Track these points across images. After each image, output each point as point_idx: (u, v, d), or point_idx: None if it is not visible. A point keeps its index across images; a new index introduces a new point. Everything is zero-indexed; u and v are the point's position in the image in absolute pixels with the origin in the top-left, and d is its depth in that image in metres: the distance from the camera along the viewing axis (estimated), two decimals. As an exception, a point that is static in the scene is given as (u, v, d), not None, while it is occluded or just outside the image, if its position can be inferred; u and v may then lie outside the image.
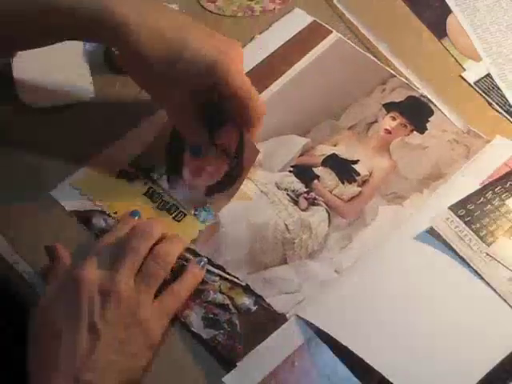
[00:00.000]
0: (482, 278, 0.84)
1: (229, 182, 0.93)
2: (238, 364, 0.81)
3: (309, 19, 1.07)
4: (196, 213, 0.92)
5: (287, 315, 0.84)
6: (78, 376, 0.77)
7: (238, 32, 1.05)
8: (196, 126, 0.91)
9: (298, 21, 1.07)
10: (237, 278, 0.87)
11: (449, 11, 1.09)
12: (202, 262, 0.87)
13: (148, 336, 0.81)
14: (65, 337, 0.79)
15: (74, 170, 0.94)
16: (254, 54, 1.04)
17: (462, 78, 1.03)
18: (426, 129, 0.98)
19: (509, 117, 0.99)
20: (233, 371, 0.81)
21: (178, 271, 0.86)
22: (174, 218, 0.91)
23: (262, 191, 0.93)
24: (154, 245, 0.86)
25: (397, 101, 1.00)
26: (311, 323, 0.83)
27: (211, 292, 0.86)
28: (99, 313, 0.79)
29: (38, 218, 0.91)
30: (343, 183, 0.94)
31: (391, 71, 1.02)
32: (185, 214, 0.92)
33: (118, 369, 0.79)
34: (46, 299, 0.82)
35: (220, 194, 0.93)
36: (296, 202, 0.93)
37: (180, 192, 0.93)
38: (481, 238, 0.86)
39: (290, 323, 0.84)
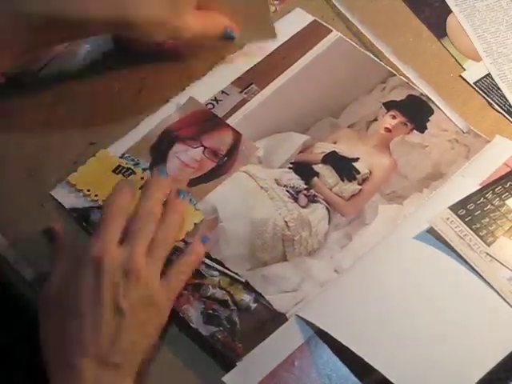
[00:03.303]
0: (482, 278, 0.84)
1: (212, 177, 0.94)
2: (237, 364, 0.81)
3: (309, 18, 1.07)
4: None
5: (287, 315, 0.84)
6: (107, 359, 0.76)
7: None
8: None
9: (298, 20, 1.07)
10: (236, 274, 0.87)
11: (449, 11, 1.08)
12: (205, 239, 0.88)
13: (160, 316, 0.81)
14: (88, 319, 0.77)
15: (73, 170, 0.94)
16: (254, 52, 1.04)
17: (462, 77, 1.02)
18: (426, 128, 0.98)
19: (509, 117, 0.99)
20: (233, 371, 0.81)
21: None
22: None
23: (261, 187, 0.93)
24: None
25: (397, 99, 1.00)
26: (311, 323, 0.83)
27: (210, 287, 0.86)
28: (123, 293, 0.78)
29: (38, 218, 0.91)
30: (343, 181, 0.94)
31: (391, 70, 1.02)
32: None
33: (140, 349, 0.79)
34: (57, 282, 0.81)
35: (203, 185, 0.94)
36: (296, 199, 0.93)
37: None
38: (481, 237, 0.86)
39: (290, 323, 0.84)
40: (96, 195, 0.92)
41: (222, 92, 1.00)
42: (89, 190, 0.92)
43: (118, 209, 0.85)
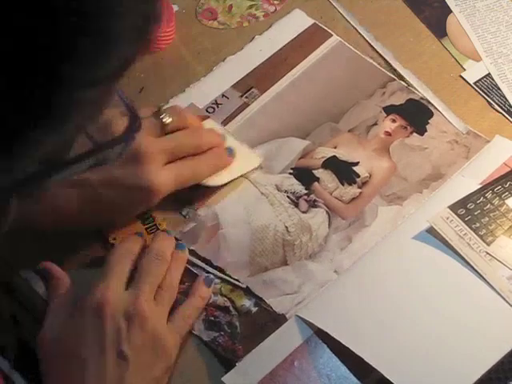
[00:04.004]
0: (481, 277, 0.84)
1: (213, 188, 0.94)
2: (237, 364, 0.82)
3: (309, 21, 1.07)
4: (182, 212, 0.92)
5: (287, 315, 0.85)
6: None
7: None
8: None
9: (298, 22, 1.06)
10: (237, 281, 0.87)
11: (449, 11, 1.08)
12: (210, 281, 0.86)
13: (168, 359, 0.79)
14: (91, 366, 0.76)
15: (73, 170, 0.94)
16: (254, 54, 1.04)
17: (462, 78, 1.03)
18: (426, 130, 0.98)
19: (509, 117, 0.99)
20: (232, 371, 0.81)
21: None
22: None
23: (262, 193, 0.93)
24: None
25: (397, 104, 1.00)
26: (311, 323, 0.83)
27: (212, 294, 0.86)
28: (126, 338, 0.77)
29: (37, 218, 0.91)
30: (343, 185, 0.94)
31: (391, 75, 1.02)
32: None
33: None
34: (57, 326, 0.79)
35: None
36: (296, 204, 0.93)
37: None
38: (480, 237, 0.86)
39: (289, 323, 0.84)
40: None
41: (223, 95, 1.00)
42: None
43: (125, 251, 0.84)
